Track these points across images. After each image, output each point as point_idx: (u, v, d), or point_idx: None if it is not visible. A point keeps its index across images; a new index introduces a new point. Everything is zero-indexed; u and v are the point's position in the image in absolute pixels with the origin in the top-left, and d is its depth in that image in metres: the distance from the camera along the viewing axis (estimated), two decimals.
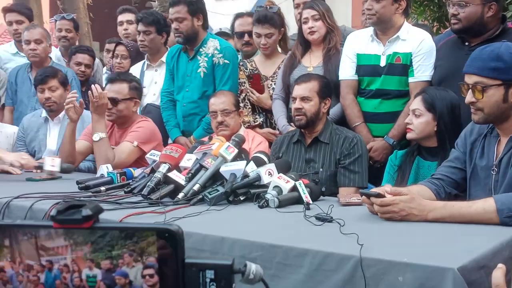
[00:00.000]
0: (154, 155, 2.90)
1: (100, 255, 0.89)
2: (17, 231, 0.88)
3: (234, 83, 3.98)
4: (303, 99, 3.18)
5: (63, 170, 3.33)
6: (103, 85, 5.12)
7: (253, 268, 0.98)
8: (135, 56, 4.75)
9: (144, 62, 4.58)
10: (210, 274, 0.90)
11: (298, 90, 3.22)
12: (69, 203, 0.88)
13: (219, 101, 3.60)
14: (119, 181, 2.94)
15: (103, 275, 0.90)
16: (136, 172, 3.01)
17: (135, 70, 4.55)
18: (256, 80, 3.96)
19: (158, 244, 0.87)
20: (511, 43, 2.33)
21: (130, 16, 5.17)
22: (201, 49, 3.99)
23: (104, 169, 3.06)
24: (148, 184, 2.61)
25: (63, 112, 3.95)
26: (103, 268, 0.89)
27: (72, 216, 0.87)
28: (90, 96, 3.44)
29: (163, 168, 2.69)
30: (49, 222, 0.88)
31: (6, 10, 5.30)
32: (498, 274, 0.96)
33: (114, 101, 3.64)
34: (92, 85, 3.54)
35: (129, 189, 2.73)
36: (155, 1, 10.81)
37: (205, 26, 4.07)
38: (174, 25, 3.98)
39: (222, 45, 4.00)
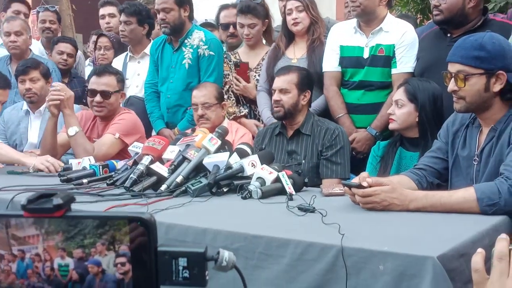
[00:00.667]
0: (136, 147, 2.88)
1: (72, 244, 0.88)
2: None
3: (219, 75, 3.97)
4: (282, 91, 3.19)
5: None
6: (85, 77, 5.10)
7: (225, 255, 0.98)
8: (118, 48, 4.71)
9: (127, 54, 4.55)
10: (183, 262, 0.90)
11: (277, 82, 3.24)
12: (40, 192, 0.87)
13: (200, 94, 3.58)
14: (101, 173, 2.91)
15: (75, 264, 0.89)
16: (119, 164, 2.99)
17: (118, 62, 4.52)
18: (243, 69, 3.95)
19: (130, 232, 0.86)
20: (494, 33, 2.35)
21: (112, 9, 5.13)
22: (186, 41, 3.97)
23: (87, 162, 3.03)
24: (130, 176, 2.59)
25: (44, 105, 3.91)
26: (75, 257, 0.89)
27: (43, 205, 0.86)
28: (55, 93, 3.41)
29: (146, 160, 2.67)
30: (19, 212, 0.87)
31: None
32: (478, 258, 0.97)
33: (106, 95, 3.61)
34: (52, 84, 3.50)
35: (112, 181, 2.70)
36: None
37: (191, 17, 4.05)
38: (160, 16, 3.94)
39: (207, 37, 3.99)
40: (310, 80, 3.31)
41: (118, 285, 0.88)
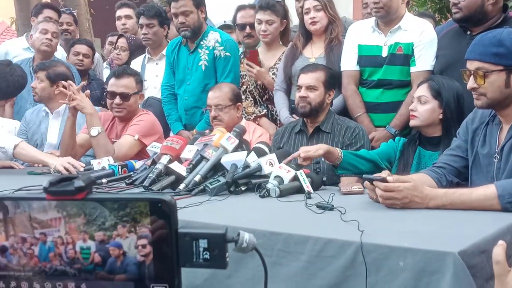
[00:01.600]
0: (155, 147, 2.90)
1: (94, 226, 0.89)
2: (10, 204, 0.89)
3: (236, 76, 3.97)
4: (309, 88, 3.19)
5: None
6: (104, 80, 5.15)
7: (246, 237, 0.98)
8: (135, 50, 4.75)
9: (145, 55, 4.58)
10: (203, 243, 0.91)
11: (305, 79, 3.23)
12: (61, 176, 0.88)
13: (214, 96, 3.58)
14: (120, 173, 2.94)
15: (97, 247, 0.90)
16: (138, 164, 3.01)
17: (136, 63, 4.56)
18: (253, 56, 3.95)
19: (151, 214, 0.87)
20: None
21: (128, 11, 5.17)
22: (201, 42, 3.98)
23: (106, 162, 3.06)
24: (149, 175, 2.61)
25: (63, 106, 3.95)
26: (97, 239, 0.90)
27: (65, 188, 0.87)
28: (72, 92, 3.44)
29: (164, 159, 2.69)
30: (42, 194, 0.88)
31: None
32: (499, 250, 0.96)
33: (125, 96, 3.64)
34: (64, 82, 3.53)
35: (131, 181, 2.73)
36: None
37: (206, 18, 4.07)
38: (180, 19, 3.91)
39: (223, 38, 3.99)
40: (335, 79, 3.34)
41: (139, 267, 0.89)
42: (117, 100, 3.64)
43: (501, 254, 0.96)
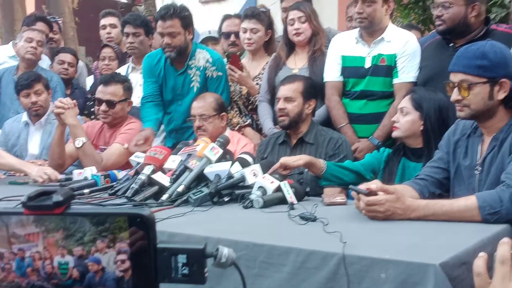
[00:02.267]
0: (138, 157, 2.89)
1: (72, 241, 0.88)
2: None
3: (228, 94, 3.96)
4: (287, 99, 3.19)
5: None
6: (87, 89, 5.13)
7: (225, 251, 0.98)
8: (122, 59, 4.74)
9: (129, 65, 4.56)
10: (182, 258, 0.90)
11: (282, 91, 3.24)
12: (40, 190, 0.87)
13: (198, 106, 3.57)
14: (103, 183, 2.91)
15: (76, 262, 0.89)
16: (120, 174, 2.99)
17: (120, 72, 4.52)
18: (235, 60, 3.93)
19: (130, 229, 0.86)
20: (496, 42, 2.35)
21: (113, 20, 5.16)
22: (190, 62, 3.89)
23: (88, 172, 3.03)
24: (132, 186, 2.59)
25: (45, 116, 3.97)
26: (75, 254, 0.89)
27: (43, 202, 0.86)
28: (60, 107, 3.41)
29: (147, 169, 2.67)
30: (19, 209, 0.87)
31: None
32: (480, 262, 0.96)
33: (111, 104, 3.67)
34: (55, 102, 3.49)
35: (113, 191, 2.71)
36: (141, 6, 10.81)
37: (193, 38, 3.98)
38: (166, 40, 3.77)
39: (213, 57, 3.92)
40: (315, 89, 3.32)
41: (118, 282, 0.88)
42: (103, 107, 3.67)
43: (482, 266, 0.96)
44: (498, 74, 2.23)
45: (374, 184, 2.15)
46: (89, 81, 5.32)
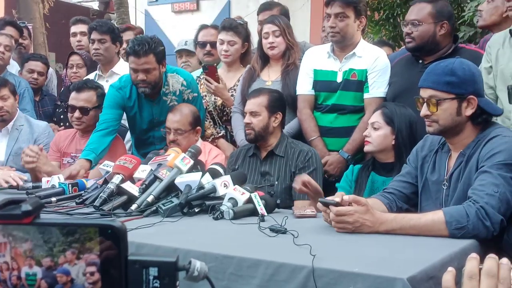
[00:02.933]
0: (107, 166, 2.85)
1: (41, 252, 0.86)
2: None
3: (204, 111, 3.90)
4: (252, 113, 3.20)
5: None
6: (57, 95, 5.05)
7: (197, 265, 0.97)
8: (90, 66, 4.68)
9: (96, 73, 4.51)
10: (153, 271, 0.89)
11: (248, 105, 3.25)
12: (8, 199, 0.85)
13: (174, 119, 3.49)
14: (70, 192, 2.87)
15: (44, 273, 0.87)
16: (89, 183, 2.95)
17: None
18: (212, 71, 3.92)
19: (100, 241, 0.85)
20: (465, 60, 2.41)
21: (84, 28, 5.09)
22: (164, 89, 3.73)
23: (56, 180, 2.98)
24: (100, 195, 2.56)
25: (11, 123, 3.92)
26: (44, 265, 0.87)
27: (11, 212, 0.84)
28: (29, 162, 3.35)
29: (116, 179, 2.64)
30: None
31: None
32: (449, 277, 0.98)
33: (85, 110, 3.66)
34: (24, 151, 3.42)
35: (81, 200, 2.67)
36: (114, 13, 10.74)
37: (165, 70, 3.75)
38: (140, 76, 3.53)
39: (187, 79, 3.79)
40: (282, 102, 3.31)
41: None
42: (77, 114, 3.67)
43: (451, 281, 0.98)
44: (466, 90, 2.28)
45: (341, 196, 2.16)
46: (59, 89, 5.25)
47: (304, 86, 3.59)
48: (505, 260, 0.94)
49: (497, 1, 3.67)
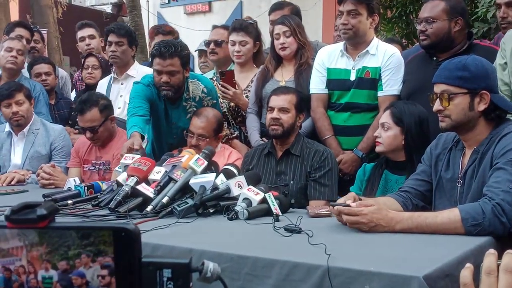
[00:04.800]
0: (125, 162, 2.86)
1: (57, 255, 0.87)
2: None
3: (222, 115, 3.85)
4: (282, 110, 3.20)
5: None
6: (73, 99, 5.09)
7: (210, 266, 0.98)
8: (105, 68, 4.72)
9: (111, 76, 4.53)
10: (167, 273, 0.89)
11: (277, 101, 3.25)
12: (24, 203, 0.86)
13: (200, 125, 3.46)
14: (86, 194, 2.90)
15: (60, 276, 0.88)
16: (104, 185, 2.97)
17: (103, 83, 4.51)
18: (229, 77, 3.91)
19: (115, 243, 0.85)
20: (477, 56, 2.40)
21: (91, 31, 5.14)
22: (184, 95, 3.73)
23: (72, 183, 3.01)
24: (115, 197, 2.57)
25: (27, 127, 3.97)
26: (60, 269, 0.88)
27: (27, 216, 0.85)
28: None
29: (131, 181, 2.66)
30: (3, 222, 0.86)
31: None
32: (467, 273, 0.97)
33: (93, 130, 3.67)
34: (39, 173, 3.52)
35: (97, 202, 2.69)
36: (127, 16, 10.81)
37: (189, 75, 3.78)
38: (164, 78, 3.53)
39: (207, 86, 3.80)
40: (305, 103, 3.36)
41: None
42: (88, 134, 3.69)
43: (469, 277, 0.97)
44: (479, 85, 2.27)
45: (353, 201, 2.16)
46: (73, 93, 5.28)
47: (317, 85, 3.59)
48: None
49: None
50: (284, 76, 3.79)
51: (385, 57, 3.44)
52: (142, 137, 3.25)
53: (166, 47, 3.51)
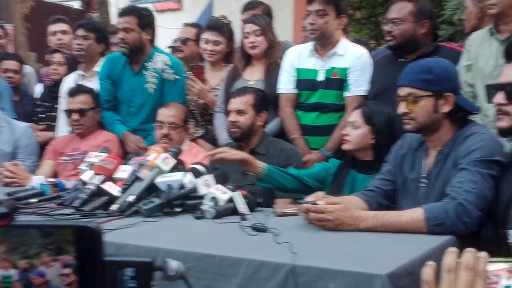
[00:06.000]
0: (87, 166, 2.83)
1: (17, 254, 0.86)
2: None
3: (185, 99, 3.95)
4: (238, 112, 3.20)
5: None
6: (39, 96, 5.00)
7: (173, 265, 0.98)
8: (72, 65, 4.64)
9: (78, 73, 4.48)
10: (130, 272, 0.89)
11: (233, 104, 3.25)
12: None
13: (169, 113, 3.54)
14: (51, 192, 2.85)
15: (20, 275, 0.87)
16: (69, 183, 2.93)
17: (69, 80, 4.44)
18: (199, 72, 3.96)
19: (77, 242, 0.84)
20: (441, 58, 2.44)
21: (64, 26, 5.07)
22: (147, 64, 3.91)
23: (36, 181, 2.96)
24: (80, 195, 2.54)
25: None
26: (20, 268, 0.86)
27: None
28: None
29: (97, 179, 2.63)
30: None
31: None
32: (429, 270, 0.98)
33: (82, 112, 3.77)
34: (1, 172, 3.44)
35: (61, 201, 2.65)
36: (95, 13, 10.67)
37: (152, 41, 4.01)
38: (120, 35, 3.86)
39: (173, 61, 3.96)
40: (266, 101, 3.34)
41: None
42: (75, 116, 3.78)
43: (431, 275, 0.98)
44: (443, 88, 2.31)
45: (320, 199, 2.18)
46: (38, 88, 5.19)
47: (286, 85, 3.60)
48: (483, 253, 0.95)
49: (469, 5, 3.70)
50: (254, 75, 3.79)
51: (353, 58, 3.47)
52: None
53: (126, 6, 3.82)
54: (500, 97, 2.09)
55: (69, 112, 3.83)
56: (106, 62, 4.12)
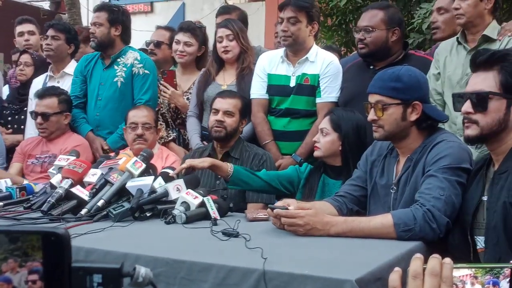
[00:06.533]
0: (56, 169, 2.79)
1: None
2: None
3: (154, 94, 3.95)
4: (227, 113, 3.24)
5: None
6: (4, 97, 4.91)
7: (142, 271, 0.97)
8: (40, 66, 4.58)
9: (47, 74, 4.42)
10: (97, 278, 0.88)
11: (223, 104, 3.27)
12: None
13: (142, 114, 3.57)
14: (18, 196, 2.79)
15: None
16: (37, 187, 2.88)
17: (38, 81, 4.39)
18: (170, 77, 3.96)
19: (44, 248, 0.83)
20: (412, 67, 2.48)
21: (31, 27, 5.01)
22: (119, 59, 3.97)
23: (3, 184, 2.90)
24: (48, 199, 2.50)
25: None
26: None
27: None
28: None
29: (65, 183, 2.59)
30: None
31: None
32: (395, 276, 1.00)
33: (45, 116, 3.76)
34: None
35: (29, 204, 2.60)
36: (65, 14, 10.53)
37: (125, 38, 4.06)
38: (91, 29, 4.01)
39: (142, 56, 4.02)
40: (248, 109, 3.42)
41: None
42: (39, 120, 3.78)
43: (397, 280, 1.00)
44: (411, 96, 2.34)
45: (291, 205, 2.20)
46: (5, 90, 5.09)
47: (258, 90, 3.61)
48: (447, 259, 0.97)
49: (451, 11, 3.75)
50: (226, 80, 3.80)
51: (323, 65, 3.50)
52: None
53: (101, 3, 3.80)
54: (467, 106, 2.13)
55: (34, 114, 3.84)
56: (82, 60, 4.18)
